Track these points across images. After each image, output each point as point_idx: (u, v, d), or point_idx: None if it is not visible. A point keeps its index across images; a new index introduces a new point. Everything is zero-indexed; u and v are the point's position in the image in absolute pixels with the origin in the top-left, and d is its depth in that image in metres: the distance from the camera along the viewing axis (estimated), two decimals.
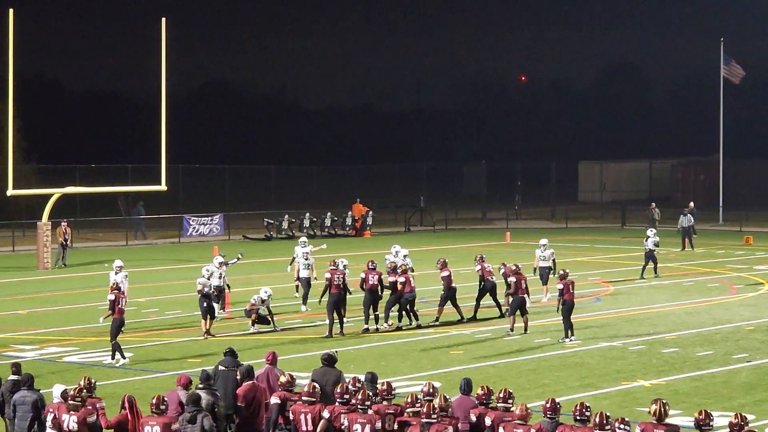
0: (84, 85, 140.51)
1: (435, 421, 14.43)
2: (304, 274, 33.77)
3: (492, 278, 31.77)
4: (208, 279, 29.41)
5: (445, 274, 30.80)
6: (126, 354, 25.69)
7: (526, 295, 29.26)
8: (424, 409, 14.49)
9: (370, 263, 30.30)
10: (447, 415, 15.00)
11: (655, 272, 40.59)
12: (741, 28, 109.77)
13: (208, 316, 28.72)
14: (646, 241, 40.55)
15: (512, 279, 29.30)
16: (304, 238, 36.89)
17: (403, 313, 30.52)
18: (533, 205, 79.81)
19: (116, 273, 29.51)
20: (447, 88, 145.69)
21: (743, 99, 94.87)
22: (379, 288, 29.92)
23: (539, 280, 35.55)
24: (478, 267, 31.76)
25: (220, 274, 30.71)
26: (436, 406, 14.61)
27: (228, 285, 31.51)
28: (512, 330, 28.90)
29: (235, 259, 33.16)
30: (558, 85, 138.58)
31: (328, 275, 29.35)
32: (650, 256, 40.41)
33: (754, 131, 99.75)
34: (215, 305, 29.64)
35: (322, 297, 30.50)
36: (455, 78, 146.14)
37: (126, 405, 15.80)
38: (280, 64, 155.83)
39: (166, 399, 15.65)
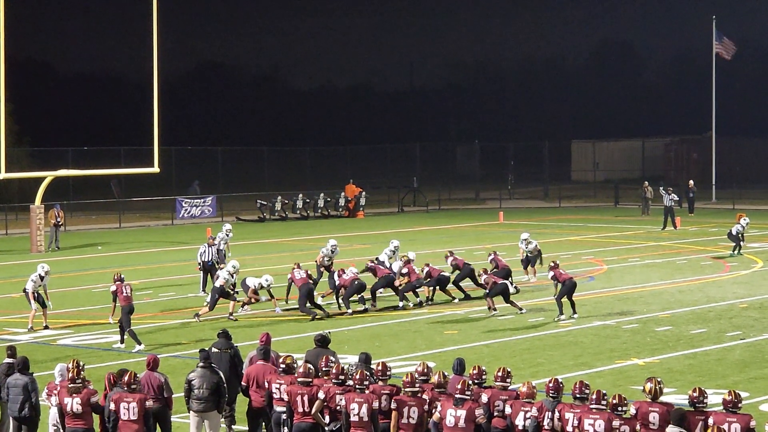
0: (76, 67, 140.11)
1: (468, 397, 14.49)
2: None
3: (469, 265, 31.88)
4: (232, 276, 29.00)
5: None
6: (119, 335, 25.65)
7: (508, 281, 29.39)
8: (459, 385, 14.61)
9: (341, 271, 30.22)
10: (444, 391, 15.06)
11: (738, 252, 40.73)
12: (733, 5, 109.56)
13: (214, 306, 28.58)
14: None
15: (484, 277, 29.27)
16: (229, 225, 36.89)
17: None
18: (526, 185, 79.84)
19: (42, 279, 28.38)
20: (440, 68, 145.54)
21: (736, 76, 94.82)
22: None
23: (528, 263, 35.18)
24: (451, 259, 31.96)
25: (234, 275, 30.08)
26: (470, 382, 14.82)
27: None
28: (492, 309, 28.90)
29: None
30: (551, 64, 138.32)
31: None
32: (733, 238, 40.85)
33: (747, 109, 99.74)
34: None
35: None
36: (448, 58, 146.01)
37: (106, 384, 15.96)
38: (273, 45, 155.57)
39: (138, 376, 15.77)
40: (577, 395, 14.29)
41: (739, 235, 40.62)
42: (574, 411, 14.09)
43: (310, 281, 29.47)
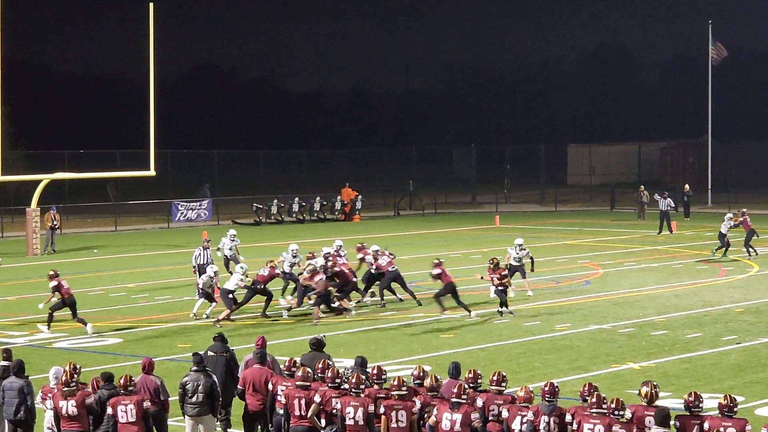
0: (72, 69, 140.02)
1: (464, 401, 14.50)
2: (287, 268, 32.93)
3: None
4: (246, 276, 29.21)
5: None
6: (115, 338, 25.65)
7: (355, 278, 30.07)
8: (455, 389, 14.63)
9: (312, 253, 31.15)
10: (437, 395, 15.07)
11: (723, 253, 41.23)
12: (728, 10, 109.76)
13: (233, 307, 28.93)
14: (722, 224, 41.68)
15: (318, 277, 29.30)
16: (233, 231, 36.74)
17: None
18: (522, 189, 79.81)
19: None
20: (436, 71, 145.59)
21: (732, 81, 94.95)
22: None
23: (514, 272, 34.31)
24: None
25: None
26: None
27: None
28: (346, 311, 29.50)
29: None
30: (547, 68, 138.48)
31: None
32: (722, 237, 41.36)
33: (743, 113, 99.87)
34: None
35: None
36: (444, 61, 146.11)
37: (95, 387, 15.95)
38: (269, 48, 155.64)
39: (134, 379, 15.81)
40: (587, 397, 14.32)
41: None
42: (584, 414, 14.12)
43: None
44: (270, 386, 16.47)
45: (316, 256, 31.26)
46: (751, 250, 41.50)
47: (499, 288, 29.08)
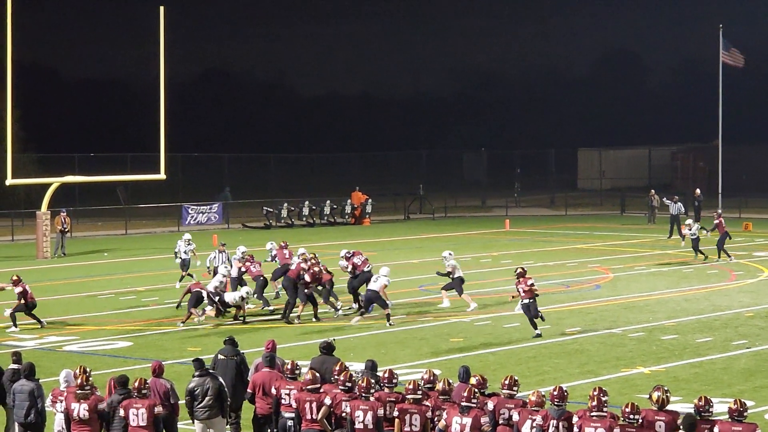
0: (82, 73, 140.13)
1: (474, 405, 14.49)
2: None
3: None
4: (243, 299, 29.52)
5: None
6: (125, 342, 25.67)
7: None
8: (465, 393, 14.61)
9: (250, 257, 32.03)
10: (448, 399, 15.06)
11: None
12: (739, 14, 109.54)
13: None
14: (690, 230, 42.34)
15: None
16: (188, 236, 36.54)
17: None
18: (532, 193, 79.78)
19: None
20: (446, 75, 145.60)
21: (742, 85, 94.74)
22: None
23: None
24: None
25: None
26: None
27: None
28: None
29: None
30: (557, 72, 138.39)
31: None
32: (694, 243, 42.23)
33: (754, 117, 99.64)
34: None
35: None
36: (454, 65, 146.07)
37: (112, 389, 16.00)
38: (279, 52, 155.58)
39: (148, 382, 15.84)
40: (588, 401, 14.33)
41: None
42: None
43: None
44: (273, 390, 16.49)
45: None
46: (723, 253, 41.61)
47: (526, 301, 26.81)
